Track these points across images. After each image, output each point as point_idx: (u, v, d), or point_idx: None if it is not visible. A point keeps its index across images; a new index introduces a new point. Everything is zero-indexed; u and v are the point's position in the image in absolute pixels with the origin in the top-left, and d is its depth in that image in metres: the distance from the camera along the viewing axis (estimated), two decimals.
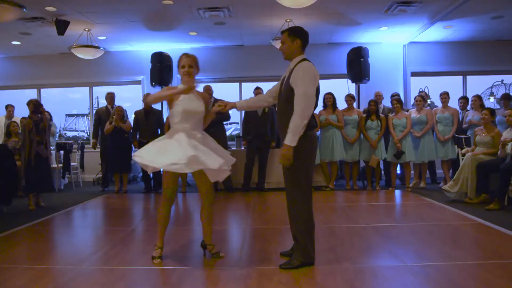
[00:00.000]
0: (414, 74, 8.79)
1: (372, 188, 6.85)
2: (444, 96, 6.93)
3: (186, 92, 3.03)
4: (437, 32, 7.91)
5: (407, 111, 7.04)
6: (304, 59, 3.03)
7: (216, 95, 6.97)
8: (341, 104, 7.10)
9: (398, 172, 7.18)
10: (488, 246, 3.59)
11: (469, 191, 5.39)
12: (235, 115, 9.62)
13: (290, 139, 2.87)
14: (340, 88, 8.29)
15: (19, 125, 7.19)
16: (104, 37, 7.90)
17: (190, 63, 3.11)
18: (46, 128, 5.83)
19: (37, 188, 5.77)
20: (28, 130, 5.64)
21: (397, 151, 6.55)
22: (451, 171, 6.93)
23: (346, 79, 8.14)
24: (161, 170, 3.13)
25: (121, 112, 7.02)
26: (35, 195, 5.81)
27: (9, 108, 8.00)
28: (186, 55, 3.16)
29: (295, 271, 2.92)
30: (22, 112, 8.50)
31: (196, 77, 3.22)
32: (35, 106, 5.79)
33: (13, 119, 7.78)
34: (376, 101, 7.09)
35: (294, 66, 3.00)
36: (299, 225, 3.01)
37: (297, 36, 3.05)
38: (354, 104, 7.19)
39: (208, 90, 6.92)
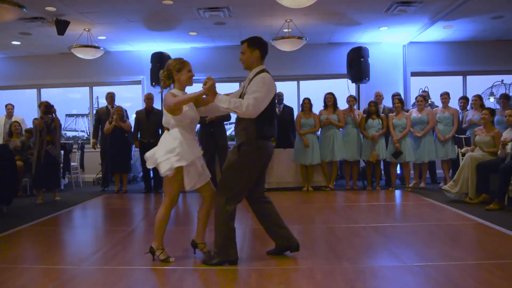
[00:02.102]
0: (414, 74, 8.78)
1: (372, 188, 6.85)
2: (445, 96, 6.93)
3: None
4: (437, 32, 7.91)
5: (407, 111, 7.05)
6: (263, 70, 3.08)
7: None
8: (342, 104, 7.10)
9: (398, 172, 7.18)
10: (488, 246, 3.59)
11: (470, 191, 5.39)
12: (235, 116, 9.61)
13: (220, 99, 2.93)
14: (340, 88, 8.28)
15: (20, 125, 7.28)
16: (104, 37, 7.90)
17: None
18: (57, 128, 6.20)
19: (45, 185, 6.13)
20: (39, 130, 6.02)
21: (395, 151, 6.56)
22: (451, 171, 6.93)
23: (346, 79, 8.14)
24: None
25: (121, 112, 7.02)
26: (46, 191, 6.17)
27: (8, 107, 8.02)
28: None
29: (295, 271, 2.92)
30: (21, 111, 8.54)
31: (196, 77, 3.26)
32: (46, 107, 6.16)
33: (13, 118, 7.81)
34: (376, 102, 7.09)
35: (253, 76, 3.04)
36: (216, 220, 3.04)
37: (256, 47, 3.11)
38: (355, 106, 7.18)
39: None
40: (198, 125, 5.57)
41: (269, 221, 3.24)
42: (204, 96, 3.04)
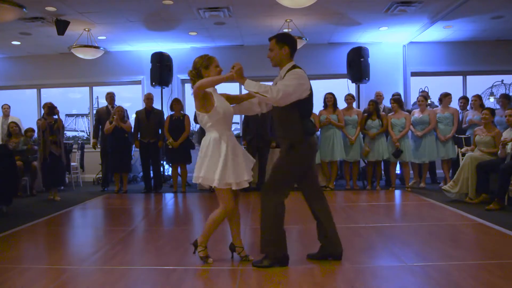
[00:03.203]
0: (414, 74, 8.78)
1: (372, 188, 6.85)
2: (446, 99, 6.92)
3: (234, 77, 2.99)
4: (437, 32, 7.91)
5: (408, 111, 7.04)
6: (294, 66, 3.03)
7: None
8: (341, 104, 7.10)
9: (398, 172, 7.17)
10: (488, 246, 3.59)
11: (469, 191, 5.39)
12: (235, 115, 9.61)
13: (249, 83, 2.92)
14: (340, 88, 8.29)
15: (18, 125, 7.31)
16: (104, 37, 7.89)
17: None
18: (60, 129, 6.41)
19: (52, 184, 6.37)
20: (42, 130, 6.21)
21: (396, 150, 6.56)
22: (451, 171, 6.93)
23: (346, 79, 8.15)
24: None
25: (122, 112, 7.02)
26: (53, 189, 6.41)
27: (5, 107, 8.04)
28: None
29: (295, 271, 2.92)
30: (19, 111, 8.55)
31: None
32: (50, 108, 6.36)
33: (9, 119, 7.83)
34: (376, 101, 7.08)
35: (285, 74, 3.00)
36: (266, 221, 3.01)
37: (285, 43, 3.05)
38: (354, 104, 7.19)
39: None
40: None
41: (324, 218, 3.15)
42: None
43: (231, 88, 9.21)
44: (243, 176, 3.03)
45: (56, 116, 6.40)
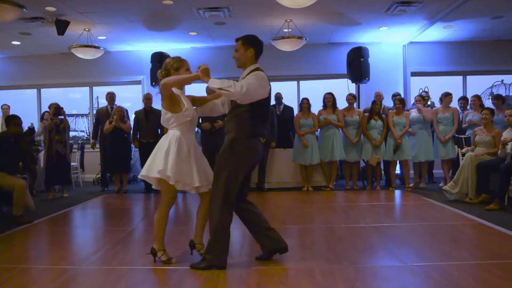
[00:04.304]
0: (414, 74, 8.78)
1: (372, 188, 6.85)
2: (447, 99, 6.92)
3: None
4: (437, 32, 7.91)
5: (408, 111, 7.05)
6: (257, 69, 3.01)
7: None
8: (341, 104, 7.10)
9: (398, 172, 7.17)
10: (488, 246, 3.59)
11: (469, 191, 5.39)
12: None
13: (213, 81, 2.85)
14: (340, 88, 8.29)
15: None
16: (104, 37, 7.89)
17: None
18: (66, 129, 6.62)
19: (56, 182, 6.57)
20: (48, 130, 6.40)
21: (396, 146, 6.56)
22: (451, 171, 6.92)
23: (346, 79, 8.15)
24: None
25: (122, 112, 7.01)
26: (56, 187, 6.68)
27: (4, 107, 8.03)
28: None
29: (295, 271, 2.92)
30: (19, 111, 8.52)
31: None
32: (56, 109, 6.60)
33: None
34: (380, 102, 7.07)
35: (246, 75, 2.97)
36: (212, 224, 2.97)
37: (251, 45, 3.04)
38: (354, 104, 7.18)
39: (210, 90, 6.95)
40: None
41: (256, 224, 3.14)
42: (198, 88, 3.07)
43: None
44: (201, 181, 3.00)
45: (62, 117, 6.58)
